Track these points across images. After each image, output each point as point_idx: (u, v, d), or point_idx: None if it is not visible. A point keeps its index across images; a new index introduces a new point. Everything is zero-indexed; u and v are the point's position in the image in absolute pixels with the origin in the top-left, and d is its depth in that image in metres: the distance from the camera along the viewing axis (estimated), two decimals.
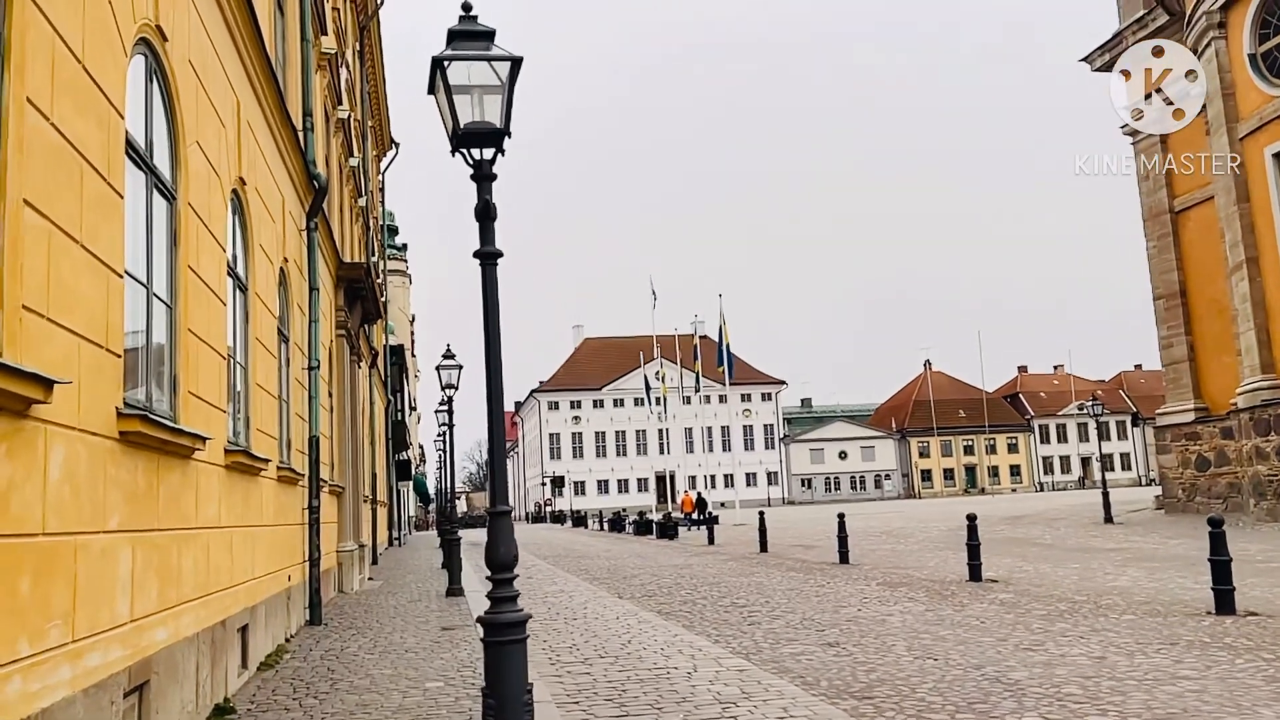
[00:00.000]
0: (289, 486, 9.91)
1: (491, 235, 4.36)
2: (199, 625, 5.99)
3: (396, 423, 35.93)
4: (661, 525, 33.43)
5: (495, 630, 4.07)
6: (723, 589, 14.23)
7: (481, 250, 4.36)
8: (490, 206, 4.33)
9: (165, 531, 5.28)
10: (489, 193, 4.33)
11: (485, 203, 4.29)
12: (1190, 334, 28.01)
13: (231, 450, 6.94)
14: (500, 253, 4.38)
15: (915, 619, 10.04)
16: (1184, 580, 12.57)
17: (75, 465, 4.00)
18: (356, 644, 9.48)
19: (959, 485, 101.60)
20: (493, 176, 4.39)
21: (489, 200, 4.31)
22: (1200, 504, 26.61)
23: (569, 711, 6.31)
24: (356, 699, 6.77)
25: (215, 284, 6.59)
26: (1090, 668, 7.12)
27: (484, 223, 4.36)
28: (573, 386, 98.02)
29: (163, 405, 5.46)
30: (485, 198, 4.29)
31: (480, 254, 4.36)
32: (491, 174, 4.38)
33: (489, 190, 4.35)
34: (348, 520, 15.44)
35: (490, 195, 4.33)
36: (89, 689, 4.08)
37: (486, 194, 4.32)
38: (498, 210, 4.38)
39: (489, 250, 4.36)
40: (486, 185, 4.35)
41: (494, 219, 4.37)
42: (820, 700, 6.42)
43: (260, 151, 8.57)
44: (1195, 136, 26.30)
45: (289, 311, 10.44)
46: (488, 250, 4.36)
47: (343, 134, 17.24)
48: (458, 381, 15.68)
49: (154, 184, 5.37)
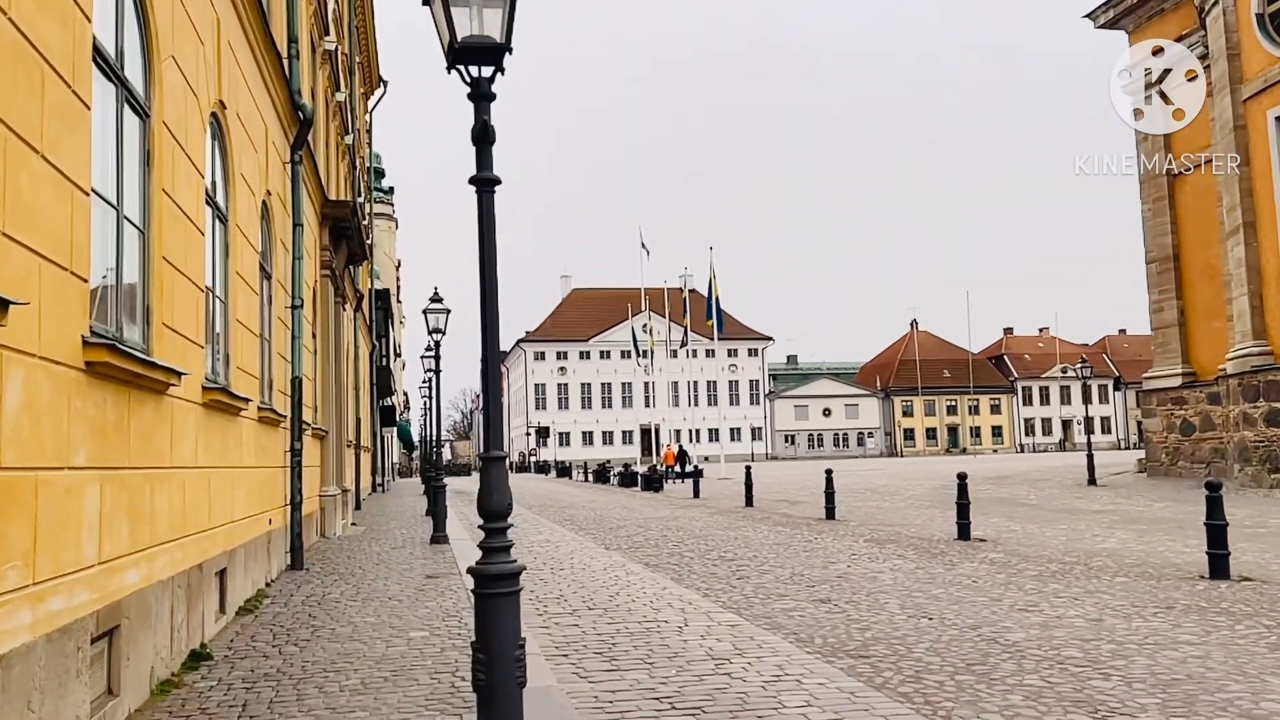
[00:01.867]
0: (270, 428, 9.62)
1: (489, 160, 4.03)
2: (174, 569, 5.74)
3: (381, 368, 35.58)
4: (647, 477, 33.38)
5: (486, 581, 3.83)
6: (710, 542, 14.10)
7: (478, 176, 4.04)
8: (489, 129, 4.00)
9: (137, 470, 5.00)
10: (487, 113, 3.99)
11: (484, 124, 3.95)
12: (1181, 298, 27.90)
13: (210, 388, 6.64)
14: (498, 179, 4.06)
15: (906, 576, 9.92)
16: (1173, 544, 12.51)
17: (35, 395, 3.71)
18: (339, 590, 9.28)
19: (941, 445, 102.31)
20: (491, 96, 4.04)
21: (487, 121, 3.98)
22: (1183, 468, 26.72)
23: (558, 665, 6.13)
24: (338, 647, 6.56)
25: (192, 211, 6.24)
26: (1088, 630, 6.99)
27: (481, 146, 4.03)
28: (560, 337, 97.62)
29: (134, 336, 5.15)
30: (483, 118, 3.96)
31: (476, 180, 4.04)
32: (490, 93, 4.03)
33: (487, 110, 4.01)
34: (330, 464, 15.19)
35: (488, 116, 3.99)
36: (51, 634, 3.82)
37: (485, 114, 3.98)
38: (496, 133, 4.05)
39: (486, 176, 4.03)
40: (485, 105, 4.01)
41: (492, 142, 4.03)
42: (815, 658, 6.25)
43: (242, 75, 8.15)
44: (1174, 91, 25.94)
45: (272, 247, 10.08)
46: (485, 176, 4.03)
47: (329, 67, 16.67)
48: (445, 326, 15.36)
49: (125, 98, 5.00)
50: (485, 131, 3.96)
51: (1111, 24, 29.77)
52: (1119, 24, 29.60)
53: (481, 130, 3.96)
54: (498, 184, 4.05)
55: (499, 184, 4.05)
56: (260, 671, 5.91)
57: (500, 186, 4.08)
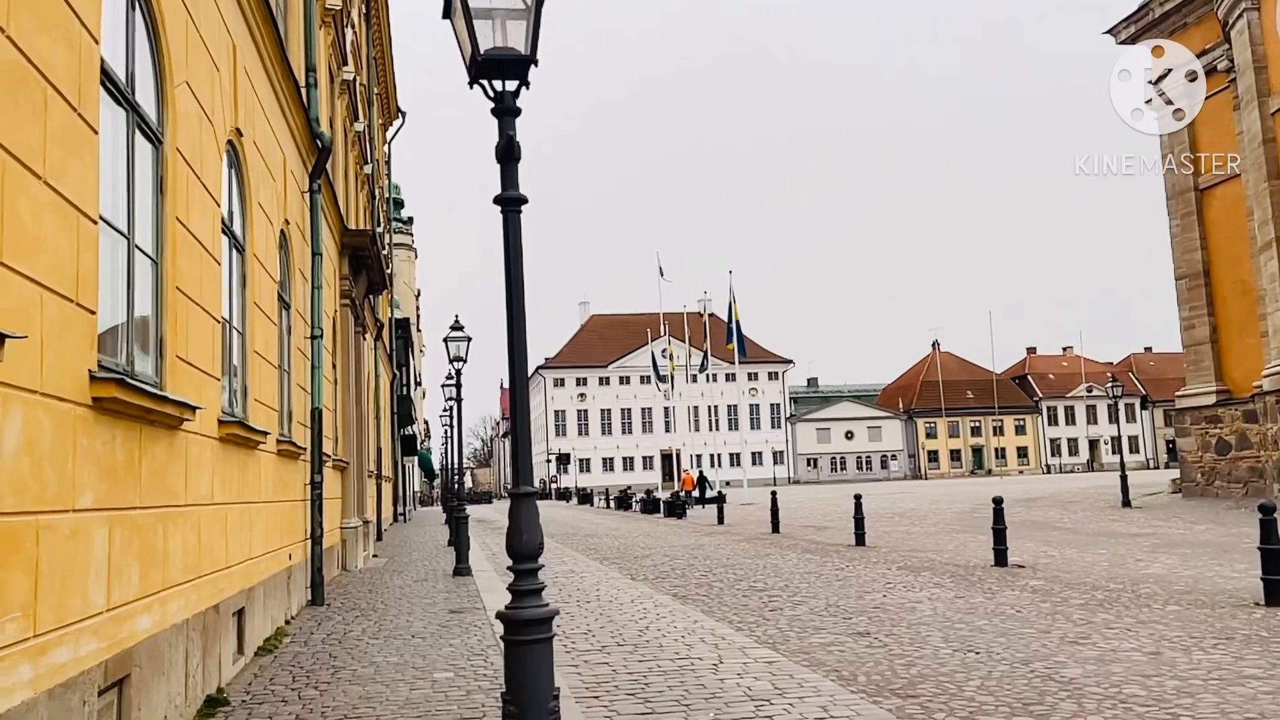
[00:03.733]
0: (290, 461, 9.41)
1: (515, 178, 3.81)
2: (189, 611, 5.50)
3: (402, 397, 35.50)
4: (670, 504, 32.98)
5: (517, 628, 3.56)
6: (738, 571, 13.76)
7: (503, 195, 3.81)
8: (514, 145, 3.77)
9: (149, 510, 4.77)
10: (512, 128, 3.77)
11: (509, 140, 3.73)
12: (1213, 315, 27.34)
13: (226, 421, 6.43)
14: (524, 198, 3.83)
15: (946, 606, 9.55)
16: (1221, 569, 12.06)
17: (37, 435, 3.49)
18: (360, 627, 9.01)
19: (966, 467, 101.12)
20: (516, 111, 3.82)
21: (512, 137, 3.75)
22: (1219, 488, 26.08)
23: (589, 708, 5.83)
24: (360, 690, 6.29)
25: (208, 240, 6.06)
26: (1147, 665, 6.62)
27: (506, 164, 3.81)
28: (579, 363, 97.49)
29: (146, 370, 4.94)
30: (508, 134, 3.73)
31: (502, 199, 3.81)
32: (515, 108, 3.82)
33: (512, 126, 3.79)
34: (351, 496, 14.98)
35: (513, 132, 3.77)
36: (54, 689, 3.58)
37: (509, 130, 3.76)
38: (521, 150, 3.82)
39: (512, 195, 3.81)
40: (509, 121, 3.80)
41: (518, 159, 3.81)
42: (860, 698, 5.93)
43: (259, 103, 8.01)
44: (1223, 112, 25.58)
45: (290, 277, 9.91)
46: (510, 195, 3.81)
47: (348, 96, 16.63)
48: (466, 354, 15.16)
49: (136, 123, 4.82)
50: (510, 148, 3.74)
51: (1133, 40, 29.43)
52: (1140, 40, 29.25)
53: (507, 147, 3.74)
54: (524, 203, 3.83)
55: (525, 203, 3.83)
56: (279, 719, 5.65)
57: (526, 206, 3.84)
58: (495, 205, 3.83)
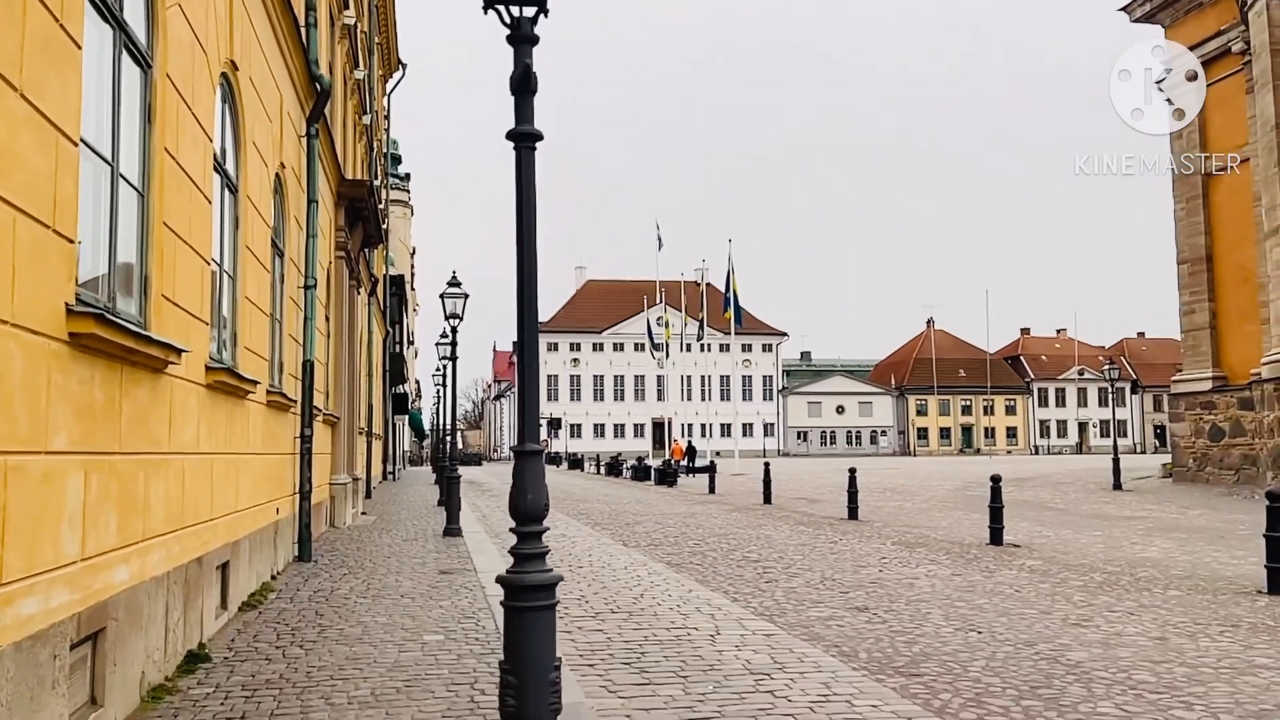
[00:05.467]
0: (279, 413, 9.16)
1: (530, 111, 3.52)
2: (170, 563, 5.27)
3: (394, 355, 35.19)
4: (661, 471, 32.88)
5: (519, 593, 3.33)
6: (732, 541, 13.60)
7: (518, 130, 3.53)
8: (530, 75, 3.49)
9: (129, 455, 4.52)
10: (529, 56, 3.48)
11: (525, 69, 3.44)
12: (1213, 300, 27.14)
13: (214, 368, 6.16)
14: (539, 134, 3.55)
15: (944, 584, 9.40)
16: (1218, 554, 11.94)
17: (6, 368, 3.23)
18: (348, 585, 8.81)
19: (955, 445, 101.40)
20: (534, 39, 3.53)
21: (529, 66, 3.47)
22: (1211, 474, 26.04)
23: (584, 676, 5.64)
24: (346, 650, 6.09)
25: (198, 176, 5.76)
26: (1154, 650, 6.46)
27: (521, 96, 3.52)
28: (573, 328, 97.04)
29: (129, 309, 4.67)
30: (525, 62, 3.44)
31: (515, 134, 3.53)
32: (533, 35, 3.52)
33: (529, 54, 3.50)
34: (341, 452, 14.75)
35: (530, 60, 3.49)
36: (22, 642, 3.35)
37: (526, 58, 3.47)
38: (538, 82, 3.54)
39: (526, 130, 3.53)
40: (526, 49, 3.51)
41: (534, 92, 3.52)
42: (863, 675, 5.75)
43: (256, 37, 7.66)
44: (1235, 95, 25.22)
45: (285, 224, 9.60)
46: (525, 130, 3.52)
47: (348, 43, 16.18)
48: (462, 312, 14.87)
49: (124, 43, 4.51)
50: (527, 78, 3.46)
51: (1147, 18, 28.98)
52: (1155, 18, 28.81)
53: (523, 76, 3.46)
54: (539, 139, 3.55)
55: (540, 139, 3.55)
56: (262, 677, 5.44)
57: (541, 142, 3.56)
58: (508, 140, 3.55)
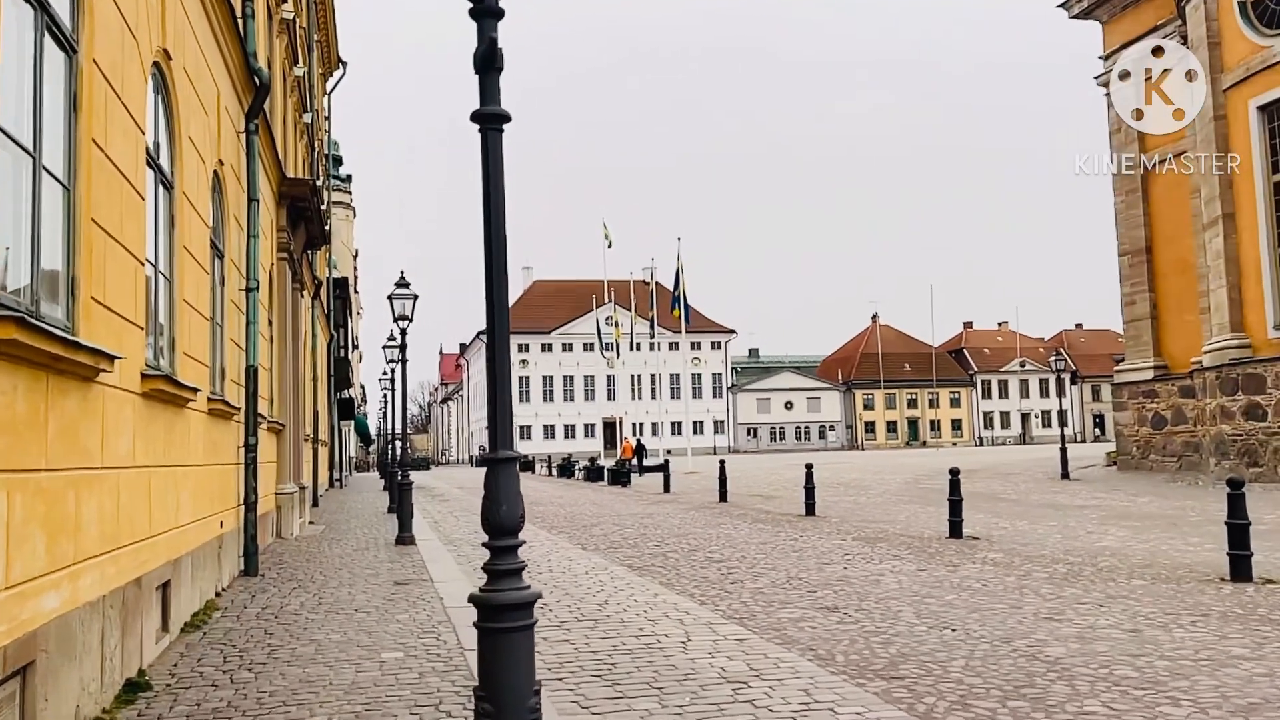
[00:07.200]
0: (222, 421, 8.73)
1: (496, 91, 3.25)
2: (105, 586, 4.89)
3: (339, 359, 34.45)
4: (614, 472, 32.64)
5: (495, 613, 3.07)
6: (692, 541, 13.41)
7: (482, 110, 3.26)
8: (496, 51, 3.22)
9: (57, 472, 4.15)
10: (494, 30, 3.21)
11: (490, 43, 3.17)
12: (1154, 291, 27.69)
13: (150, 375, 5.77)
14: (507, 115, 3.28)
15: (910, 580, 9.30)
16: (1174, 541, 12.06)
17: None
18: (298, 600, 8.42)
19: (901, 438, 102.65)
20: (500, 13, 3.27)
21: (494, 41, 3.19)
22: (1154, 461, 26.57)
23: (554, 691, 5.38)
24: (299, 672, 5.74)
25: (130, 170, 5.37)
26: (1130, 643, 6.39)
27: (486, 74, 3.25)
28: (521, 329, 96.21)
29: (55, 312, 4.30)
30: (490, 36, 3.17)
31: (481, 115, 3.26)
32: (498, 9, 3.26)
33: (494, 28, 3.23)
34: (288, 460, 14.25)
35: (495, 34, 3.22)
36: None
37: (491, 32, 3.20)
38: (504, 60, 3.27)
39: (493, 111, 3.26)
40: (490, 22, 3.23)
41: (500, 69, 3.25)
42: (843, 680, 5.57)
43: (190, 26, 7.25)
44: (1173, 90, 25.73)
45: (224, 223, 9.16)
46: (491, 111, 3.26)
47: (287, 37, 15.66)
48: (411, 313, 14.45)
49: (46, 24, 4.14)
50: (492, 54, 3.19)
51: (1085, 14, 29.46)
52: (1093, 14, 29.30)
53: (488, 53, 3.19)
54: (507, 120, 3.28)
55: (508, 120, 3.28)
56: (208, 705, 5.08)
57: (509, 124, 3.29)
58: (473, 123, 3.27)
